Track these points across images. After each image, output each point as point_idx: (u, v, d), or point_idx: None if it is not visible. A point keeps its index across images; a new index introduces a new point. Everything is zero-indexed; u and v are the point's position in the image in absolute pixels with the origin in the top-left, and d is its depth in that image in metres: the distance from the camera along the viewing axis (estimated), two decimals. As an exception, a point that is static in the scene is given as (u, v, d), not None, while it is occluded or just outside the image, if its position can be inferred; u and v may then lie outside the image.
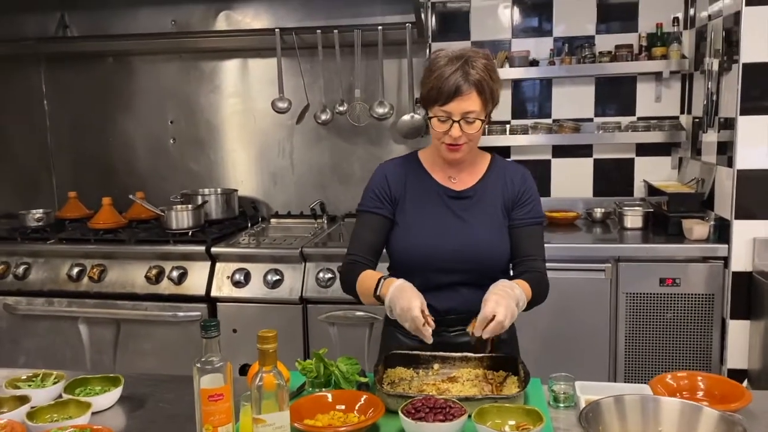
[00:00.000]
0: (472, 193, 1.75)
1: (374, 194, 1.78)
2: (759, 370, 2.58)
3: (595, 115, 3.36)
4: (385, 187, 1.77)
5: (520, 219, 1.75)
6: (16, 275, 3.06)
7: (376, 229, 1.76)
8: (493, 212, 1.74)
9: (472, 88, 1.59)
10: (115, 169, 3.78)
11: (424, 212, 1.74)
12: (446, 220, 1.73)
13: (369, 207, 1.78)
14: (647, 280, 2.71)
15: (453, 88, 1.58)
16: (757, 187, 2.58)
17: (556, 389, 1.48)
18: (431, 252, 1.70)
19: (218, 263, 2.95)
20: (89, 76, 3.75)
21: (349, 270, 1.74)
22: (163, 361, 2.92)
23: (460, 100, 1.59)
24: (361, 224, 1.79)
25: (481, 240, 1.71)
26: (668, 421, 1.24)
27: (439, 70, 1.61)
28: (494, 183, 1.77)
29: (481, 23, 3.38)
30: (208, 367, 1.17)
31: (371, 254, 1.76)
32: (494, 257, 1.72)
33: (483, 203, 1.75)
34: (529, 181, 1.79)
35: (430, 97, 1.63)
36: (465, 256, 1.69)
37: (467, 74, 1.59)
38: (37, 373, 1.61)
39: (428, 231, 1.72)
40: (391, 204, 1.77)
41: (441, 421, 1.27)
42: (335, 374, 1.49)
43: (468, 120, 1.62)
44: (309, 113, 3.39)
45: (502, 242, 1.73)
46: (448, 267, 1.70)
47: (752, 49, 2.52)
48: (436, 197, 1.75)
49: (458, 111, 1.60)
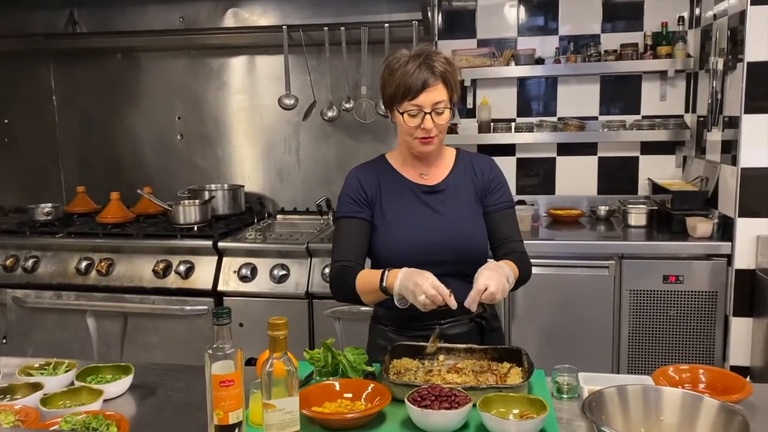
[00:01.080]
0: (445, 186, 1.81)
1: (351, 199, 1.79)
2: (761, 367, 2.59)
3: (600, 114, 3.37)
4: (360, 190, 1.80)
5: (493, 204, 1.81)
6: (25, 268, 3.09)
7: (358, 233, 1.78)
8: (467, 202, 1.80)
9: (438, 79, 1.66)
10: (123, 164, 3.82)
11: (402, 211, 1.78)
12: (424, 215, 1.77)
13: (347, 212, 1.79)
14: (651, 278, 2.73)
15: (421, 82, 1.64)
16: (760, 186, 2.60)
17: (559, 380, 1.50)
18: (415, 248, 1.73)
19: (225, 258, 2.98)
20: (98, 73, 3.78)
21: (342, 274, 1.73)
22: (170, 355, 2.95)
23: (429, 91, 1.65)
24: (343, 230, 1.79)
25: (460, 230, 1.76)
26: (670, 410, 1.26)
27: (402, 68, 1.66)
28: (463, 174, 1.83)
29: (488, 21, 3.40)
30: (219, 354, 1.19)
31: (358, 258, 1.76)
32: (475, 245, 1.78)
33: (456, 195, 1.80)
34: (495, 169, 1.87)
35: (397, 94, 1.67)
36: (448, 247, 1.74)
37: (431, 67, 1.66)
38: (49, 362, 1.64)
39: (409, 228, 1.76)
40: (368, 207, 1.79)
41: (446, 409, 1.30)
42: (343, 363, 1.51)
43: (438, 111, 1.67)
44: (315, 110, 3.41)
45: (480, 230, 1.80)
46: (432, 260, 1.71)
47: (757, 48, 2.54)
48: (410, 194, 1.79)
49: (428, 102, 1.65)
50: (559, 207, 3.31)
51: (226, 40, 3.50)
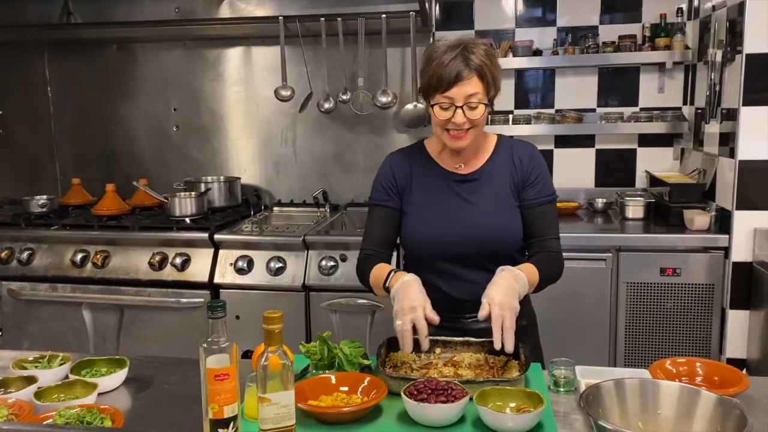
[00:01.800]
0: (479, 176, 1.75)
1: (381, 187, 1.80)
2: (758, 360, 2.59)
3: (597, 106, 3.36)
4: (391, 178, 1.79)
5: (530, 199, 1.74)
6: (20, 261, 3.07)
7: (386, 222, 1.78)
8: (502, 193, 1.73)
9: (473, 72, 1.60)
10: (118, 156, 3.79)
11: (431, 199, 1.75)
12: (453, 205, 1.73)
13: (377, 200, 1.80)
14: (648, 270, 2.72)
15: (454, 74, 1.58)
16: (758, 178, 2.59)
17: (556, 374, 1.50)
18: (439, 238, 1.71)
19: (221, 250, 2.96)
20: (93, 64, 3.75)
21: (362, 264, 1.77)
22: (166, 347, 2.93)
23: (462, 84, 1.59)
24: (372, 218, 1.81)
25: (488, 222, 1.71)
26: (667, 404, 1.25)
27: (439, 58, 1.61)
28: (501, 164, 1.76)
29: (485, 12, 3.38)
30: (214, 347, 1.18)
31: (383, 247, 1.78)
32: (503, 239, 1.72)
33: (490, 185, 1.74)
34: (537, 159, 1.77)
35: (431, 85, 1.63)
36: (473, 239, 1.70)
37: (467, 59, 1.60)
38: (43, 355, 1.63)
39: (435, 217, 1.73)
40: (398, 195, 1.78)
41: (443, 402, 1.29)
42: (339, 357, 1.51)
43: (471, 105, 1.61)
44: (312, 102, 3.40)
45: (511, 223, 1.72)
46: (458, 252, 1.70)
47: (756, 39, 2.53)
48: (442, 183, 1.76)
49: (461, 96, 1.60)
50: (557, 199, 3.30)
51: (222, 31, 3.47)
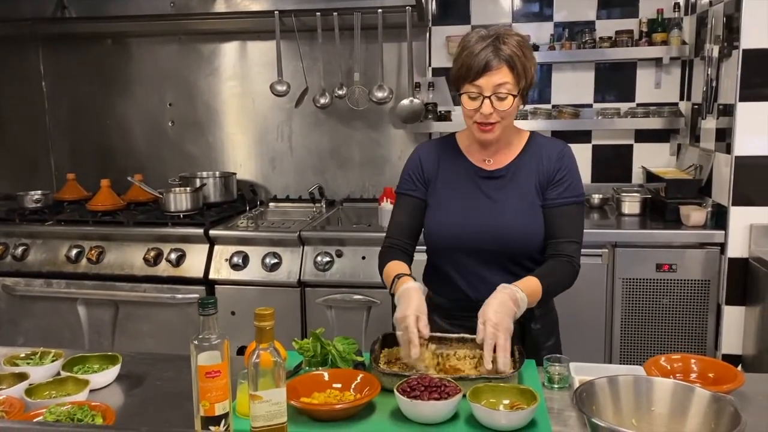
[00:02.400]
0: (505, 172, 1.72)
1: (409, 176, 1.80)
2: (753, 356, 2.59)
3: (594, 101, 3.35)
4: (419, 168, 1.79)
5: (552, 199, 1.69)
6: (15, 256, 3.06)
7: (411, 212, 1.79)
8: (526, 192, 1.70)
9: (503, 63, 1.57)
10: (113, 151, 3.78)
11: (455, 193, 1.74)
12: (476, 201, 1.72)
13: (404, 189, 1.81)
14: (644, 266, 2.72)
15: (483, 63, 1.57)
16: (754, 174, 2.59)
17: (550, 370, 1.49)
18: (458, 232, 1.70)
19: (216, 246, 2.96)
20: (88, 58, 3.74)
21: (382, 255, 1.78)
22: (161, 343, 2.93)
23: (491, 74, 1.57)
24: (398, 207, 1.83)
25: (509, 221, 1.68)
26: (661, 401, 1.25)
27: (470, 48, 1.60)
28: (529, 161, 1.72)
29: (482, 7, 3.37)
30: (205, 344, 1.17)
31: (407, 237, 1.79)
32: (523, 239, 1.69)
33: (516, 183, 1.71)
34: (566, 159, 1.72)
35: (460, 74, 1.62)
36: (493, 237, 1.68)
37: (498, 50, 1.57)
38: (35, 351, 1.62)
39: (457, 212, 1.72)
40: (424, 185, 1.78)
41: (436, 399, 1.29)
42: (332, 353, 1.50)
43: (500, 96, 1.58)
44: (308, 97, 3.38)
45: (533, 223, 1.69)
46: (476, 248, 1.69)
47: (752, 35, 2.51)
48: (467, 178, 1.74)
49: (489, 86, 1.58)
50: (553, 195, 3.30)
51: (217, 25, 3.45)
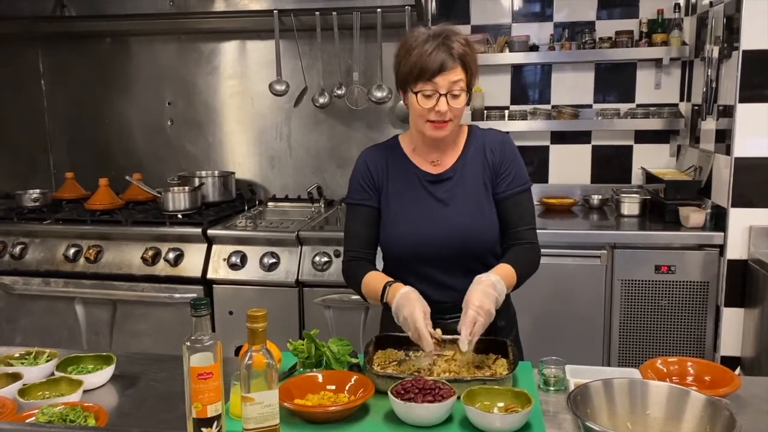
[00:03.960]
0: (452, 174, 1.72)
1: (359, 185, 1.77)
2: (752, 358, 2.59)
3: (594, 102, 3.34)
4: (368, 175, 1.76)
5: (502, 192, 1.71)
6: (13, 255, 3.06)
7: (367, 221, 1.76)
8: (475, 190, 1.71)
9: (457, 61, 1.59)
10: (112, 150, 3.77)
11: (406, 201, 1.72)
12: (427, 207, 1.71)
13: (356, 199, 1.77)
14: (643, 267, 2.71)
15: (438, 63, 1.57)
16: (754, 176, 2.58)
17: (546, 373, 1.49)
18: (416, 242, 1.69)
19: (215, 245, 2.95)
20: (87, 57, 3.73)
21: (352, 270, 1.74)
22: (159, 342, 2.93)
23: (446, 73, 1.57)
24: (353, 218, 1.78)
25: (462, 224, 1.68)
26: (656, 404, 1.24)
27: (420, 48, 1.59)
28: (473, 158, 1.73)
29: (482, 7, 3.36)
30: (197, 346, 1.17)
31: (368, 247, 1.76)
32: (478, 240, 1.69)
33: (464, 182, 1.72)
34: (508, 149, 1.74)
35: (412, 74, 1.60)
36: (448, 242, 1.68)
37: (450, 48, 1.58)
38: (29, 351, 1.62)
39: (411, 221, 1.70)
40: (376, 192, 1.76)
41: (430, 401, 1.28)
42: (326, 355, 1.49)
43: (454, 93, 1.60)
44: (307, 96, 3.37)
45: (487, 221, 1.70)
46: (436, 255, 1.68)
47: (752, 36, 2.51)
48: (416, 184, 1.73)
49: (444, 84, 1.58)
50: (552, 195, 3.29)
51: (216, 24, 3.45)
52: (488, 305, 1.49)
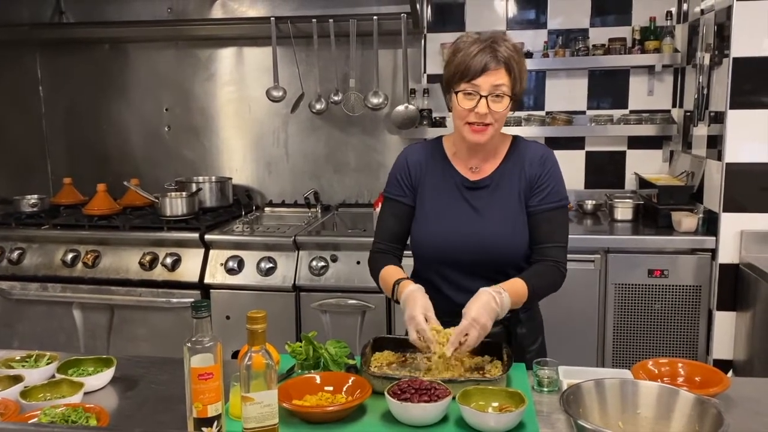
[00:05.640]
0: (489, 182, 1.72)
1: (396, 181, 1.79)
2: (744, 361, 2.62)
3: (588, 108, 3.38)
4: (406, 173, 1.78)
5: (535, 206, 1.70)
6: (11, 260, 3.07)
7: (399, 217, 1.78)
8: (510, 201, 1.70)
9: (501, 65, 1.59)
10: (110, 155, 3.79)
11: (440, 203, 1.74)
12: (460, 213, 1.71)
13: (393, 194, 1.80)
14: (636, 271, 2.74)
15: (481, 64, 1.58)
16: (745, 181, 2.61)
17: (540, 374, 1.51)
18: (444, 246, 1.70)
19: (212, 250, 2.97)
20: (85, 63, 3.75)
21: (374, 260, 1.79)
22: (156, 347, 2.94)
23: (489, 74, 1.58)
24: (386, 211, 1.82)
25: (493, 233, 1.68)
26: (646, 404, 1.27)
27: (466, 49, 1.61)
28: (512, 169, 1.72)
29: (477, 14, 3.40)
30: (198, 347, 1.19)
31: (396, 242, 1.79)
32: (507, 251, 1.69)
33: (500, 192, 1.71)
34: (548, 164, 1.72)
35: (456, 74, 1.61)
36: (477, 250, 1.68)
37: (495, 51, 1.59)
38: (30, 354, 1.63)
39: (442, 223, 1.72)
40: (412, 191, 1.77)
41: (426, 402, 1.30)
42: (324, 357, 1.52)
43: (496, 95, 1.59)
44: (304, 102, 3.40)
45: (517, 234, 1.69)
46: (462, 260, 1.69)
47: (743, 43, 2.54)
48: (453, 187, 1.74)
49: (486, 85, 1.58)
50: (547, 201, 3.31)
51: (214, 31, 3.48)
52: (484, 319, 1.49)
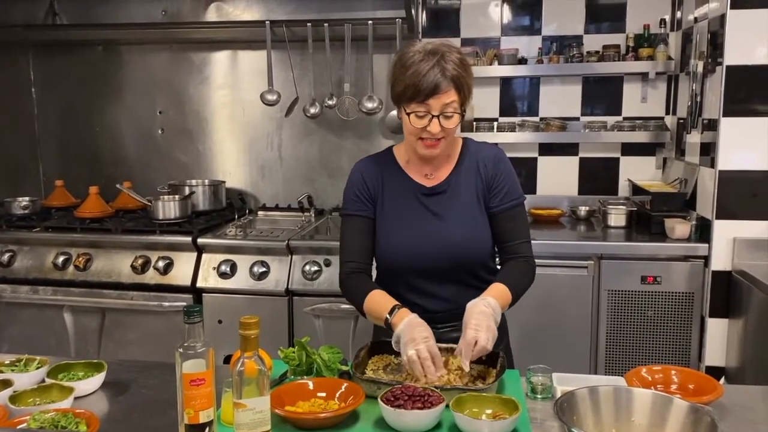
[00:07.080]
0: (446, 187, 1.73)
1: (355, 196, 1.77)
2: (736, 368, 2.62)
3: (581, 114, 3.39)
4: (363, 186, 1.76)
5: (496, 206, 1.72)
6: (1, 262, 3.04)
7: (364, 232, 1.76)
8: (469, 203, 1.72)
9: (450, 84, 1.58)
10: (102, 158, 3.78)
11: (400, 213, 1.73)
12: (421, 220, 1.72)
13: (353, 210, 1.77)
14: (629, 278, 2.75)
15: (432, 86, 1.56)
16: (738, 188, 2.63)
17: (533, 380, 1.51)
18: (410, 254, 1.70)
19: (204, 254, 2.96)
20: (78, 65, 3.74)
21: (352, 285, 1.73)
22: (148, 351, 2.91)
23: (439, 96, 1.57)
24: (349, 228, 1.77)
25: (456, 237, 1.69)
26: (640, 411, 1.27)
27: (415, 67, 1.58)
28: (467, 171, 1.74)
29: (472, 20, 3.41)
30: (190, 352, 1.18)
31: (366, 258, 1.76)
32: (472, 252, 1.71)
33: (457, 196, 1.72)
34: (501, 164, 1.75)
35: (406, 94, 1.60)
36: (443, 255, 1.69)
37: (444, 70, 1.57)
38: (20, 358, 1.61)
39: (405, 233, 1.71)
40: (372, 204, 1.76)
41: (419, 408, 1.30)
42: (317, 362, 1.51)
43: (447, 114, 1.60)
44: (298, 106, 3.40)
45: (480, 236, 1.71)
46: (429, 267, 1.69)
47: (736, 51, 2.56)
48: (411, 196, 1.74)
49: (437, 106, 1.58)
50: (540, 207, 3.33)
51: (208, 34, 3.47)
52: (486, 323, 1.49)
